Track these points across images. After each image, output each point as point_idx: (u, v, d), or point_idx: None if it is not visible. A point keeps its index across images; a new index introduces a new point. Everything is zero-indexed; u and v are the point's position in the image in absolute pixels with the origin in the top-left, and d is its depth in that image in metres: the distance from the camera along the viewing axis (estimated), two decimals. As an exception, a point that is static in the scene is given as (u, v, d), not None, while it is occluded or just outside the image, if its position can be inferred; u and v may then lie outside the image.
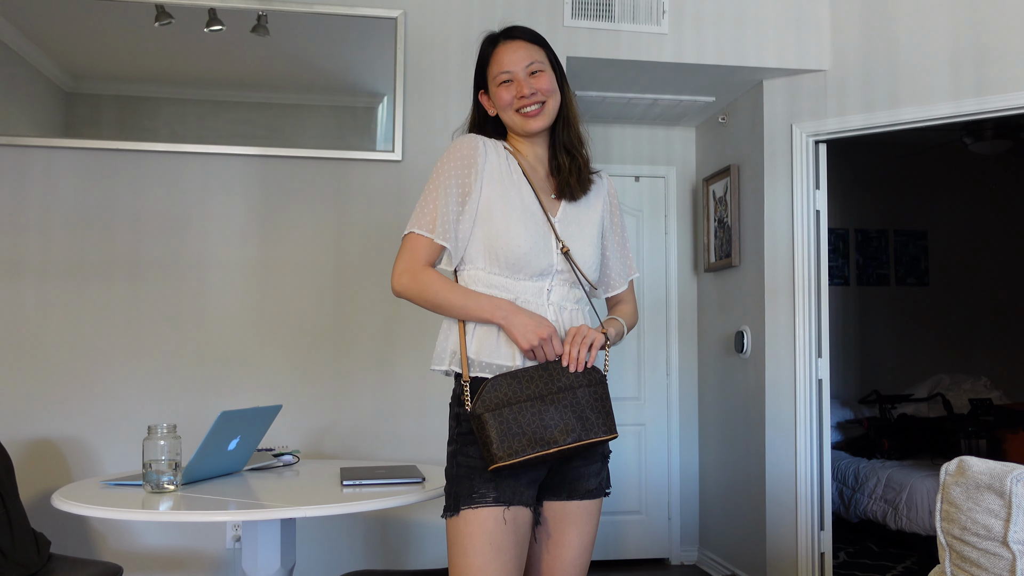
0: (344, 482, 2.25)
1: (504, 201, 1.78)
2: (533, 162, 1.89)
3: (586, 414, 1.69)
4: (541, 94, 1.82)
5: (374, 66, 3.37)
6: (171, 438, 2.16)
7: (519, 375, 1.68)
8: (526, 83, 1.82)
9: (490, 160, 1.80)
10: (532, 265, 1.76)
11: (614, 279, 1.98)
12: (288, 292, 3.28)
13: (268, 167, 3.28)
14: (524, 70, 1.83)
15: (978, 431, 4.70)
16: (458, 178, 1.77)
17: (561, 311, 1.80)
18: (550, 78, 1.85)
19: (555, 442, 1.65)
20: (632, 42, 3.57)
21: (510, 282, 1.77)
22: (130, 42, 3.19)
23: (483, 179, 1.78)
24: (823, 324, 3.74)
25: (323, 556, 3.21)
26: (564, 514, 1.81)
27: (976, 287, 6.07)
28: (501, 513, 1.67)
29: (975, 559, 1.57)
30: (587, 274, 1.84)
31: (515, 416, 1.65)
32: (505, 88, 1.83)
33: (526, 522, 1.73)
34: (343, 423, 3.27)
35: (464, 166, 1.78)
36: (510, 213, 1.77)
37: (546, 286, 1.79)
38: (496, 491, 1.68)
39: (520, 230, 1.76)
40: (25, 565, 2.51)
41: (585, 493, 1.82)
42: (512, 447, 1.63)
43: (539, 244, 1.77)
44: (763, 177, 3.85)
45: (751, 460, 3.93)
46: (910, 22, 3.50)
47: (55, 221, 3.14)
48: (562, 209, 1.86)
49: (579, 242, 1.84)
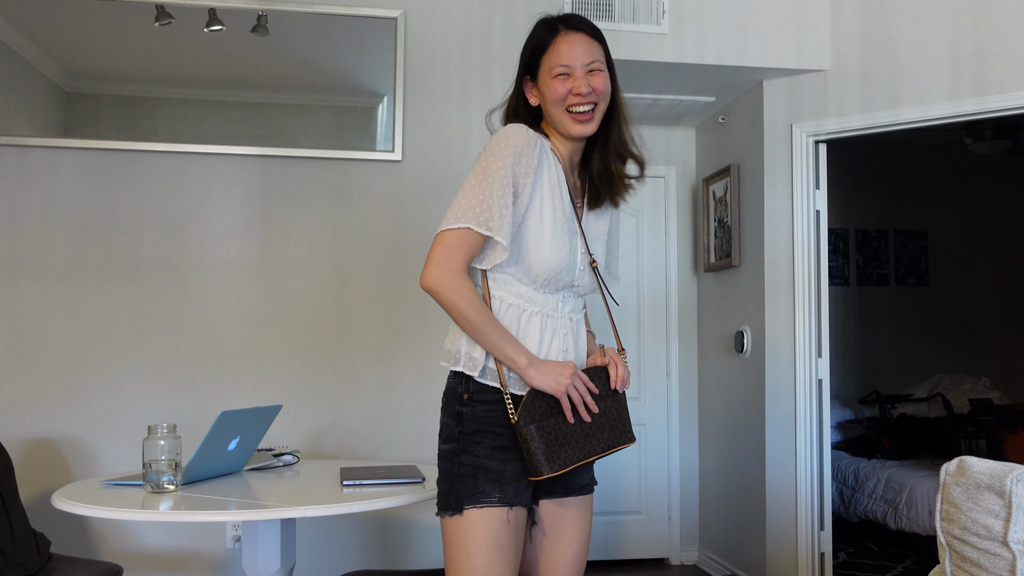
0: (344, 482, 2.25)
1: (554, 212, 1.71)
2: (566, 166, 1.80)
3: (616, 421, 1.75)
4: (596, 95, 1.73)
5: (374, 66, 3.37)
6: (171, 438, 2.16)
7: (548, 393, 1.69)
8: (584, 81, 1.72)
9: (544, 163, 1.72)
10: (561, 280, 1.74)
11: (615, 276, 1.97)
12: (288, 292, 3.28)
13: (268, 167, 3.28)
14: (584, 67, 1.72)
15: (978, 431, 4.70)
16: (513, 175, 1.66)
17: (571, 322, 1.80)
18: (606, 80, 1.76)
19: (595, 451, 1.71)
20: (632, 42, 3.57)
21: (536, 294, 1.74)
22: (130, 42, 3.19)
23: (535, 182, 1.69)
24: (823, 324, 3.74)
25: (323, 556, 3.21)
26: (561, 511, 1.81)
27: (976, 287, 6.07)
28: (505, 514, 1.66)
29: (975, 559, 1.57)
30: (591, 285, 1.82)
31: (558, 427, 1.67)
32: (561, 81, 1.72)
33: (524, 522, 1.73)
34: (343, 423, 3.27)
35: (521, 163, 1.67)
36: (554, 227, 1.71)
37: (559, 299, 1.77)
38: (501, 491, 1.66)
39: (561, 247, 1.71)
40: (25, 565, 2.51)
41: (580, 489, 1.82)
42: (560, 458, 1.66)
43: (569, 260, 1.74)
44: (763, 177, 3.85)
45: (751, 460, 3.93)
46: (910, 22, 3.50)
47: (55, 221, 3.14)
48: (586, 217, 1.81)
49: (600, 253, 1.84)
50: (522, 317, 1.72)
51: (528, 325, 1.73)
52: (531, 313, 1.73)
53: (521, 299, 1.72)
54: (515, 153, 1.66)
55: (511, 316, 1.72)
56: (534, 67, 1.77)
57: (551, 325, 1.75)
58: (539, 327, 1.73)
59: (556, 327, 1.75)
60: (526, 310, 1.72)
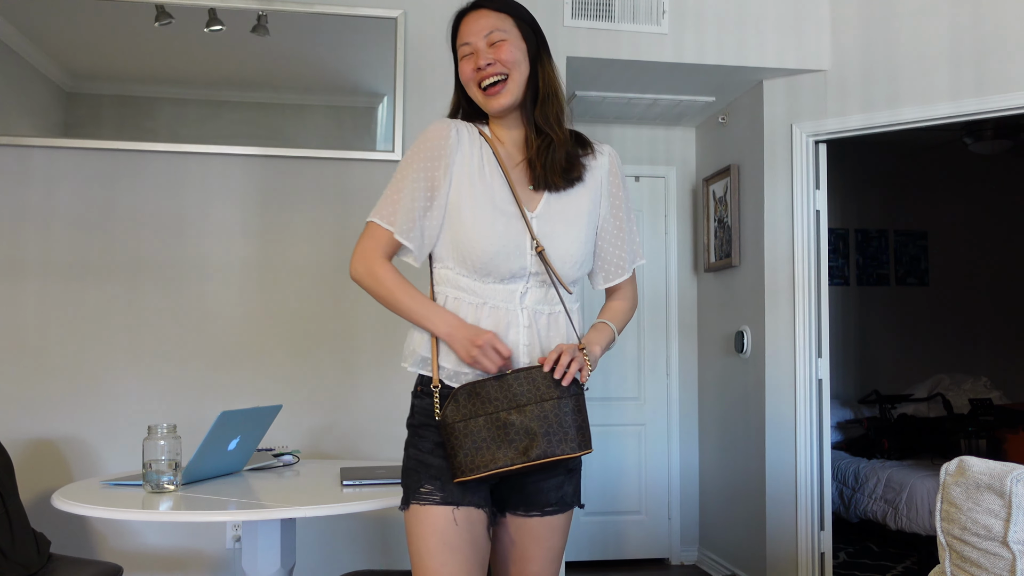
0: (344, 482, 2.25)
1: (472, 197, 1.64)
2: (511, 149, 1.73)
3: (555, 428, 1.56)
4: (501, 65, 1.65)
5: (374, 66, 3.37)
6: (171, 438, 2.16)
7: (477, 388, 1.59)
8: (483, 53, 1.66)
9: (462, 149, 1.66)
10: (501, 268, 1.63)
11: (612, 269, 1.80)
12: (288, 292, 3.28)
13: (268, 167, 3.28)
14: (483, 40, 1.66)
15: (978, 431, 4.70)
16: (426, 169, 1.64)
17: (536, 316, 1.67)
18: (514, 48, 1.67)
19: (526, 459, 1.55)
20: (632, 42, 3.57)
21: (479, 285, 1.65)
22: (130, 42, 3.19)
23: (453, 171, 1.65)
24: (823, 324, 3.74)
25: (323, 556, 3.21)
26: (527, 529, 1.71)
27: (976, 287, 6.07)
28: (450, 513, 1.59)
29: (975, 559, 1.57)
30: (570, 273, 1.70)
31: (480, 429, 1.56)
32: (467, 62, 1.69)
33: (480, 521, 1.63)
34: (343, 423, 3.27)
35: (433, 156, 1.65)
36: (478, 211, 1.63)
37: (519, 289, 1.66)
38: (443, 490, 1.60)
39: (488, 231, 1.62)
40: (25, 565, 2.51)
41: (545, 507, 1.70)
42: (476, 461, 1.55)
43: (509, 246, 1.63)
44: (763, 177, 3.85)
45: (751, 460, 3.93)
46: (910, 22, 3.50)
47: (55, 221, 3.14)
48: (544, 202, 1.69)
49: (563, 239, 1.68)
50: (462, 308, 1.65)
51: (469, 317, 1.64)
52: (476, 305, 1.65)
53: (464, 292, 1.65)
54: (428, 147, 1.65)
55: (452, 309, 1.66)
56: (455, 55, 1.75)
57: (504, 318, 1.64)
58: (486, 320, 1.64)
59: (511, 320, 1.65)
60: (471, 303, 1.65)
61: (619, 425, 4.49)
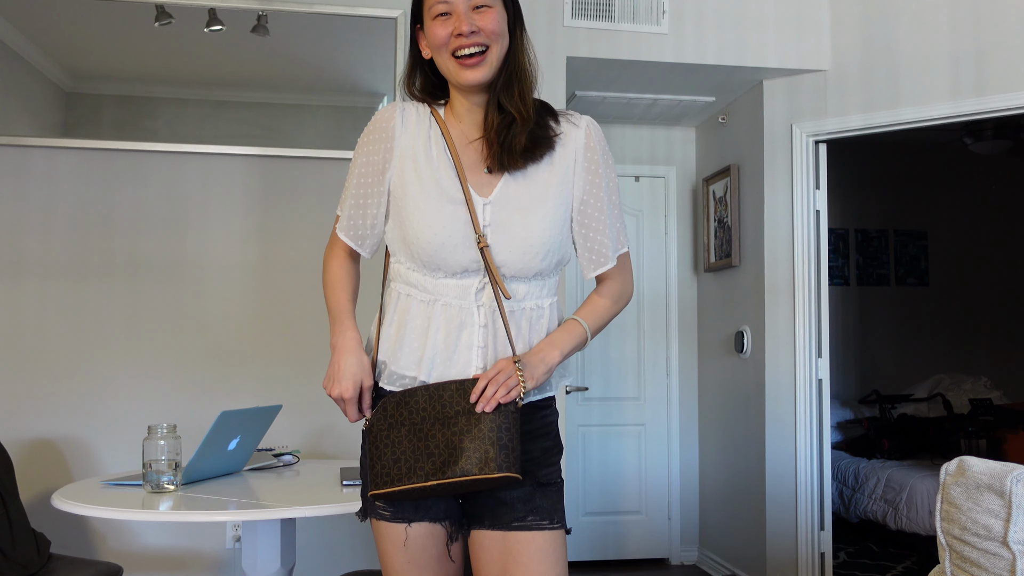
0: (344, 482, 2.26)
1: (418, 184, 1.49)
2: (468, 128, 1.55)
3: (476, 446, 1.39)
4: (485, 35, 1.47)
5: (374, 66, 3.37)
6: (171, 438, 2.16)
7: (407, 396, 1.45)
8: (466, 18, 1.46)
9: (407, 132, 1.53)
10: (449, 262, 1.47)
11: (594, 256, 1.57)
12: (288, 292, 3.28)
13: (268, 167, 3.29)
14: (467, 3, 1.47)
15: (978, 431, 4.70)
16: (369, 158, 1.54)
17: (494, 315, 1.49)
18: (499, 18, 1.49)
19: (433, 474, 1.39)
20: (632, 42, 3.57)
21: (428, 280, 1.50)
22: (130, 42, 3.19)
23: (396, 157, 1.52)
24: (823, 324, 3.74)
25: (323, 556, 3.21)
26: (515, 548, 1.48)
27: (976, 287, 6.07)
28: (403, 530, 1.48)
29: (975, 559, 1.57)
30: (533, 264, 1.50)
31: (402, 439, 1.42)
32: (441, 23, 1.48)
33: (440, 538, 1.51)
34: (343, 423, 3.27)
35: (376, 142, 1.53)
36: (422, 200, 1.48)
37: (474, 285, 1.49)
38: (392, 507, 1.49)
39: (431, 220, 1.46)
40: (25, 565, 2.51)
41: (512, 522, 1.48)
42: (392, 473, 1.41)
43: (455, 237, 1.46)
44: (763, 177, 3.85)
45: (751, 460, 3.93)
46: (910, 22, 3.50)
47: (55, 221, 3.14)
48: (501, 185, 1.50)
49: (521, 226, 1.49)
50: (412, 306, 1.51)
51: (419, 316, 1.50)
52: (427, 303, 1.50)
53: (415, 288, 1.51)
54: (373, 135, 1.55)
55: (403, 307, 1.53)
56: (419, 11, 1.54)
57: (458, 316, 1.48)
58: (437, 318, 1.49)
59: (465, 319, 1.48)
60: (423, 300, 1.50)
61: (619, 425, 4.49)
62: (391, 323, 1.54)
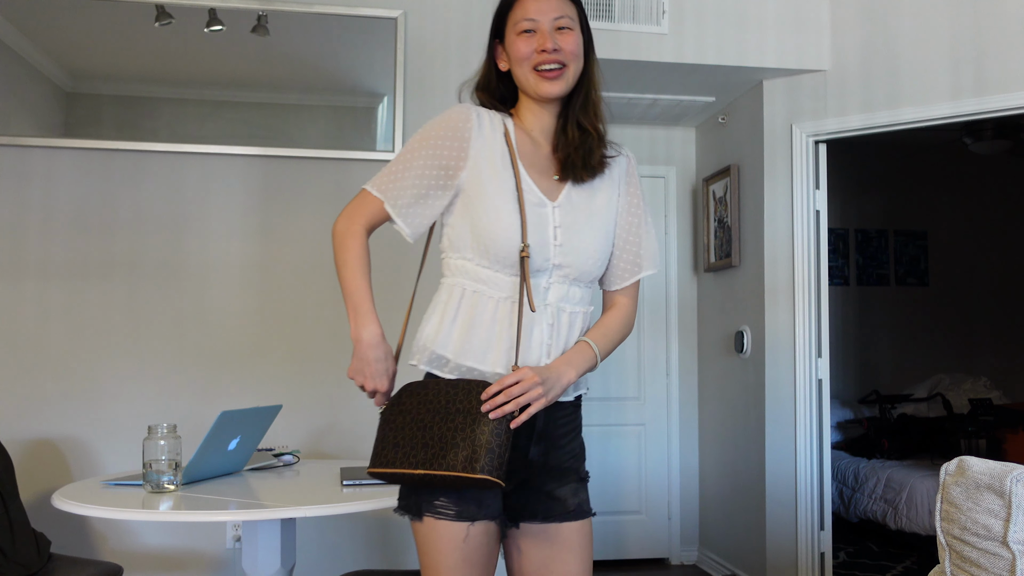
0: (344, 482, 2.26)
1: (496, 185, 1.57)
2: (538, 136, 1.66)
3: (466, 445, 1.46)
4: (564, 54, 1.60)
5: (374, 66, 3.37)
6: (171, 438, 2.16)
7: (421, 388, 1.54)
8: (551, 38, 1.59)
9: (484, 136, 1.60)
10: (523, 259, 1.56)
11: (618, 272, 1.72)
12: (288, 292, 3.28)
13: (268, 167, 3.28)
14: (551, 23, 1.60)
15: (978, 431, 4.70)
16: (440, 152, 1.57)
17: (559, 314, 1.59)
18: (577, 40, 1.63)
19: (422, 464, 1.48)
20: (632, 42, 3.57)
21: (500, 277, 1.57)
22: (130, 42, 3.19)
23: (472, 158, 1.58)
24: (823, 324, 3.74)
25: (323, 556, 3.21)
26: (559, 538, 1.61)
27: (976, 287, 6.07)
28: (466, 529, 1.53)
29: (975, 559, 1.57)
30: (592, 268, 1.63)
31: (404, 425, 1.52)
32: (525, 39, 1.60)
33: (494, 535, 1.59)
34: (343, 423, 3.27)
35: (451, 140, 1.58)
36: (501, 200, 1.56)
37: (542, 284, 1.58)
38: (459, 504, 1.53)
39: (512, 220, 1.55)
40: (25, 565, 2.51)
41: (565, 515, 1.61)
42: (388, 456, 1.51)
43: (533, 237, 1.56)
44: (763, 177, 3.85)
45: (751, 460, 3.93)
46: (910, 22, 3.50)
47: (55, 221, 3.14)
48: (566, 192, 1.63)
49: (586, 230, 1.62)
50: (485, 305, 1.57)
51: (495, 314, 1.56)
52: (497, 300, 1.57)
53: (485, 285, 1.57)
54: (447, 131, 1.59)
55: (470, 303, 1.58)
56: (502, 27, 1.66)
57: (528, 314, 1.56)
58: (509, 316, 1.56)
59: (534, 318, 1.57)
60: (492, 297, 1.57)
61: (619, 425, 4.49)
62: (454, 319, 1.59)
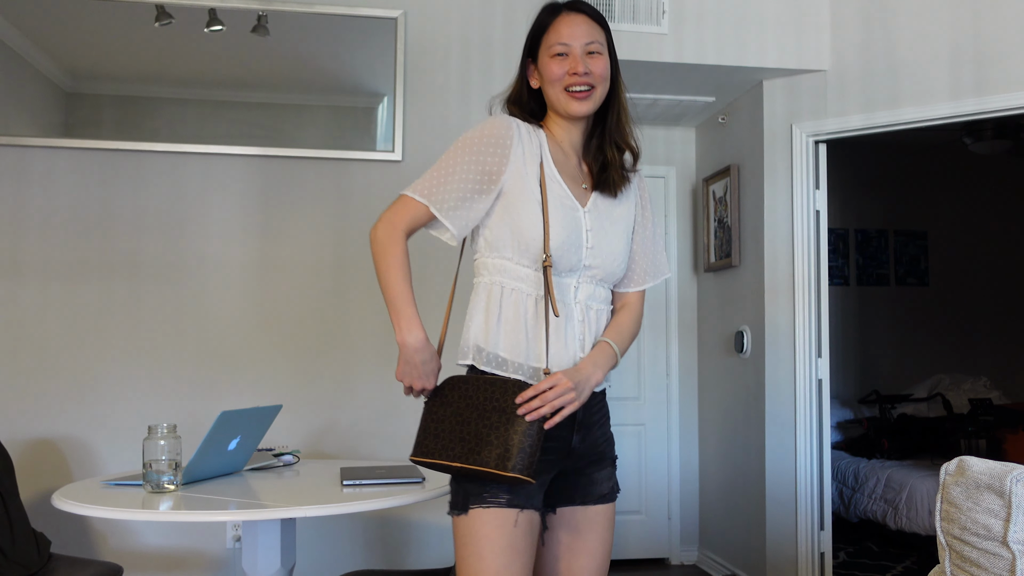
0: (344, 482, 2.26)
1: (536, 189, 1.69)
2: (567, 148, 1.79)
3: (500, 442, 1.56)
4: (593, 77, 1.72)
5: (374, 66, 3.37)
6: (171, 438, 2.16)
7: (462, 383, 1.63)
8: (582, 61, 1.72)
9: (523, 144, 1.71)
10: (562, 261, 1.67)
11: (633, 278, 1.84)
12: (288, 292, 3.28)
13: (268, 167, 3.28)
14: (583, 47, 1.73)
15: (978, 431, 4.70)
16: (483, 158, 1.66)
17: (587, 311, 1.72)
18: (606, 64, 1.76)
19: (459, 457, 1.59)
20: (632, 42, 3.57)
21: (539, 276, 1.67)
22: (130, 42, 3.19)
23: (512, 164, 1.68)
24: (823, 324, 3.74)
25: (323, 556, 3.21)
26: (585, 520, 1.75)
27: (976, 287, 6.07)
28: (515, 516, 1.60)
29: (975, 559, 1.57)
30: (616, 270, 1.77)
31: (446, 418, 1.62)
32: (558, 61, 1.73)
33: (537, 525, 1.67)
34: (343, 423, 3.27)
35: (493, 147, 1.67)
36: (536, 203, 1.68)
37: (573, 283, 1.71)
38: (510, 493, 1.60)
39: (551, 221, 1.66)
40: (25, 565, 2.51)
41: (599, 498, 1.77)
42: (429, 446, 1.62)
43: (571, 239, 1.68)
44: (763, 177, 3.85)
45: (751, 460, 3.93)
46: (910, 22, 3.50)
47: (55, 221, 3.14)
48: (592, 200, 1.76)
49: (611, 235, 1.75)
50: (524, 303, 1.67)
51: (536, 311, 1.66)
52: (535, 298, 1.67)
53: (523, 283, 1.67)
54: (489, 139, 1.67)
55: (512, 302, 1.67)
56: (535, 48, 1.78)
57: (561, 312, 1.67)
58: (543, 315, 1.66)
59: (568, 314, 1.69)
60: (530, 295, 1.67)
61: (619, 425, 4.47)
62: (495, 314, 1.67)
